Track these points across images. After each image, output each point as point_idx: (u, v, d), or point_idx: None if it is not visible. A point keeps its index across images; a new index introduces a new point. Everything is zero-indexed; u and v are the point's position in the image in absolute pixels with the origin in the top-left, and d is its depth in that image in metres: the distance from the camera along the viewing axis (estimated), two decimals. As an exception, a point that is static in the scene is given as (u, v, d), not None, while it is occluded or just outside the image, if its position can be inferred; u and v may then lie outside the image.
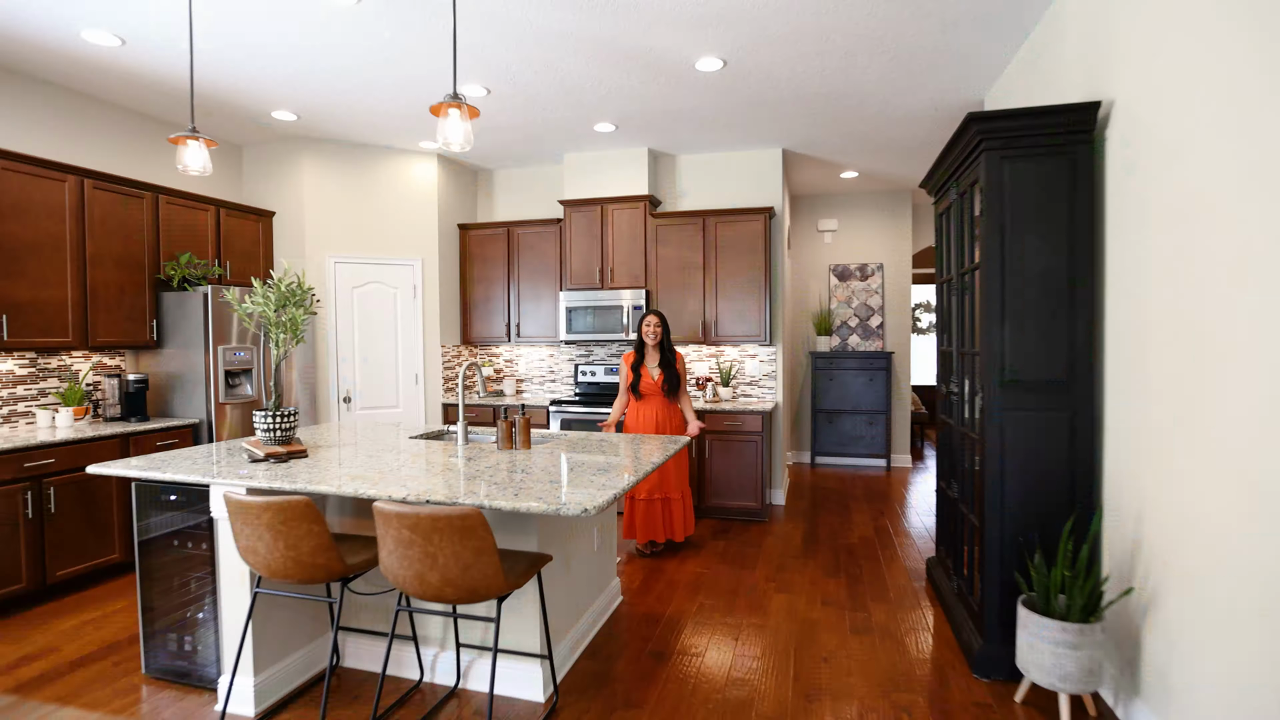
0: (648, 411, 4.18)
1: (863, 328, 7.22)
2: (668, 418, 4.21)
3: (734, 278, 5.28)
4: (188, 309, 4.36)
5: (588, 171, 5.64)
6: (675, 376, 4.18)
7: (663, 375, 4.16)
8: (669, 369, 4.17)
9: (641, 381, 4.17)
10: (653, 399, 4.19)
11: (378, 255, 5.47)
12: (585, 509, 1.96)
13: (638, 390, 4.18)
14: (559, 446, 3.06)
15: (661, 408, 4.19)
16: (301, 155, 5.23)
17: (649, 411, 4.18)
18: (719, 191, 5.64)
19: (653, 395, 4.19)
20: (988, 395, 2.65)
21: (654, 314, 4.21)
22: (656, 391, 4.18)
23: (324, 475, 2.40)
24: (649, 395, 4.19)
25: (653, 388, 4.17)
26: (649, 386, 4.17)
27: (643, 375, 4.18)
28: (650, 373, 4.19)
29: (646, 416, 4.18)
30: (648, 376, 4.18)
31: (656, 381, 4.17)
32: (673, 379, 4.16)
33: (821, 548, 4.40)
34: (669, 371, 4.16)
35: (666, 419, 4.20)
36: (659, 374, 4.18)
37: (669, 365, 4.18)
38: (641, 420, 4.18)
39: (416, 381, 5.60)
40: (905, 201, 7.06)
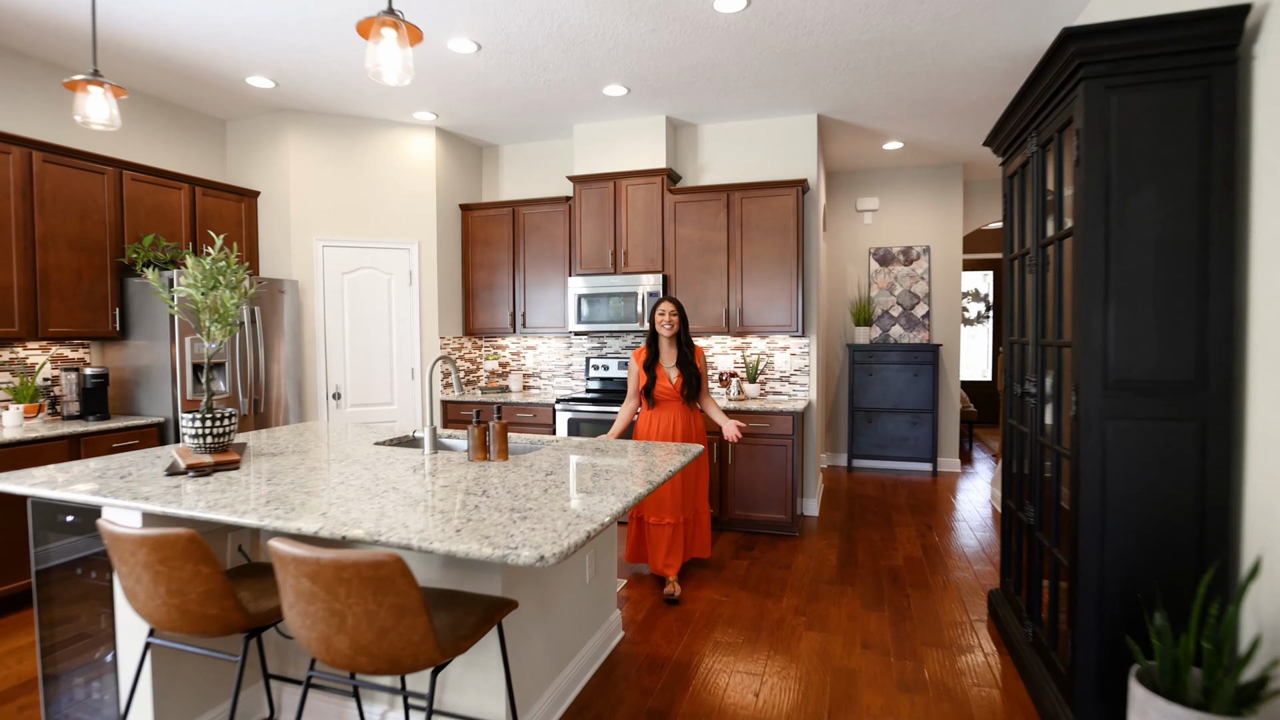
0: (664, 420, 3.51)
1: (906, 317, 6.54)
2: (689, 426, 3.54)
3: (762, 260, 4.69)
4: (155, 297, 3.95)
5: (599, 144, 5.09)
6: (696, 376, 3.51)
7: (681, 377, 3.48)
8: (688, 368, 3.49)
9: (657, 385, 3.49)
10: (670, 405, 3.52)
11: (370, 238, 5.02)
12: (542, 556, 1.43)
13: (651, 396, 3.50)
14: (544, 457, 2.54)
15: (681, 416, 3.52)
16: (286, 129, 4.80)
17: (666, 420, 3.50)
18: (746, 165, 5.04)
19: (670, 401, 3.52)
20: (1085, 399, 2.04)
21: (669, 301, 3.50)
22: (675, 397, 3.50)
23: (235, 497, 1.92)
24: (665, 401, 3.52)
25: (670, 392, 3.50)
26: (666, 391, 3.49)
27: (659, 377, 3.49)
28: (667, 374, 3.51)
29: (663, 426, 3.50)
30: (664, 379, 3.49)
31: (675, 385, 3.49)
32: (693, 380, 3.50)
33: (861, 571, 3.81)
34: (688, 371, 3.49)
35: (688, 428, 3.53)
36: (677, 375, 3.50)
37: (688, 363, 3.50)
38: (657, 431, 3.51)
39: (413, 376, 5.15)
40: (955, 176, 6.35)
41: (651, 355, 3.54)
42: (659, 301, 3.53)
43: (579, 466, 2.34)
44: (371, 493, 1.97)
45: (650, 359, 3.53)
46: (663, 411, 3.53)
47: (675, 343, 3.54)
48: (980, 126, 5.11)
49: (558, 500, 1.87)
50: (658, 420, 3.53)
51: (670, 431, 3.50)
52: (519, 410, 5.02)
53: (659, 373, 3.51)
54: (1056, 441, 2.32)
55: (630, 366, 3.62)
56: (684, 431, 3.52)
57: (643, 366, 3.53)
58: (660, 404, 3.54)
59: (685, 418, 3.54)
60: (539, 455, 2.57)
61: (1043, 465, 2.53)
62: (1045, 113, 2.38)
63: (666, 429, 3.51)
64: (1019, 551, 2.88)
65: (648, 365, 3.52)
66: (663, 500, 3.48)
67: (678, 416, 3.52)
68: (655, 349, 3.55)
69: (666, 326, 3.48)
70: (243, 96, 4.50)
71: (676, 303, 3.53)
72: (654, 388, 3.50)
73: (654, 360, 3.53)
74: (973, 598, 3.42)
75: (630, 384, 3.61)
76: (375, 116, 4.93)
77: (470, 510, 1.77)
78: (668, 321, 3.49)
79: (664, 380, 3.51)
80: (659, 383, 3.50)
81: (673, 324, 3.49)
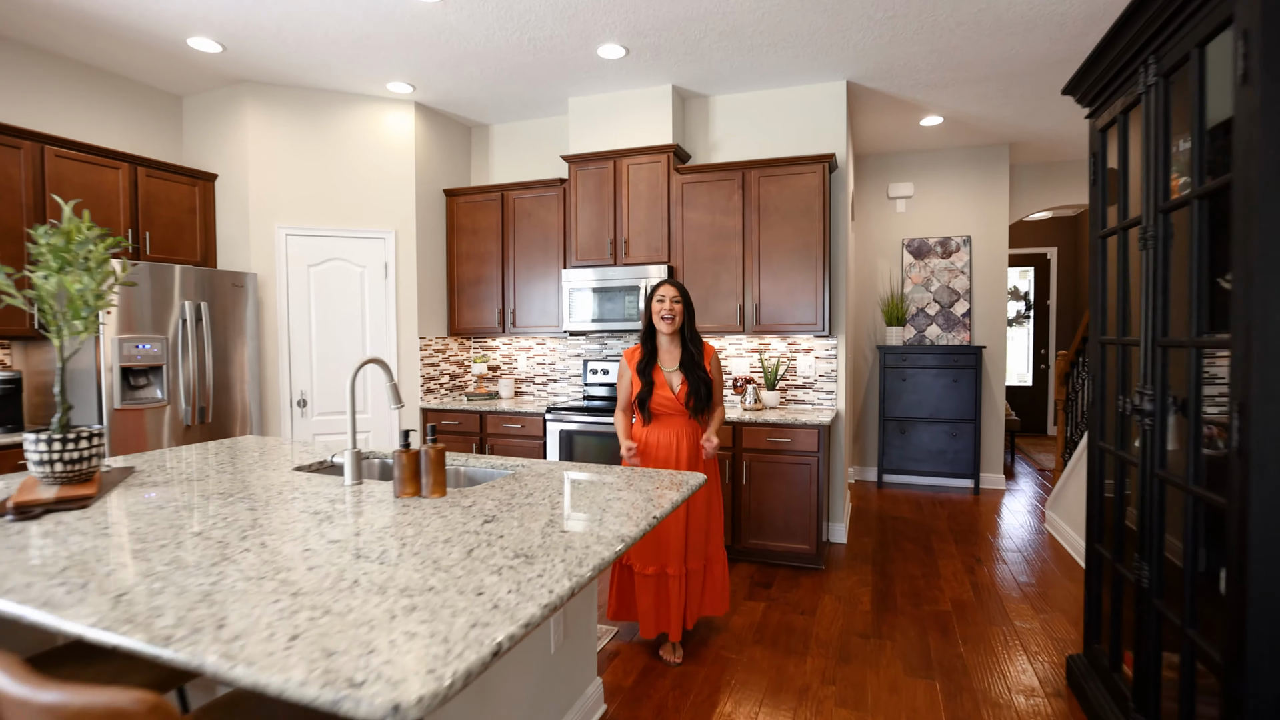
0: (664, 439, 2.78)
1: (944, 316, 5.86)
2: (697, 446, 2.81)
3: (782, 248, 4.06)
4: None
5: (597, 119, 4.50)
6: (705, 383, 2.79)
7: (686, 383, 2.77)
8: (694, 372, 2.77)
9: (655, 394, 2.77)
10: (672, 420, 2.79)
11: (340, 226, 4.47)
12: (398, 707, 0.83)
13: (647, 408, 2.78)
14: (496, 492, 1.94)
15: (687, 433, 2.80)
16: (243, 103, 4.27)
17: (667, 438, 2.78)
18: (764, 141, 4.41)
19: (672, 415, 2.80)
20: (1257, 422, 1.39)
21: (670, 285, 2.79)
22: (678, 409, 2.78)
23: (21, 562, 1.35)
24: (666, 415, 2.80)
25: (671, 404, 2.77)
26: (666, 403, 2.77)
27: (657, 383, 2.78)
28: (668, 380, 2.79)
29: (663, 446, 2.78)
30: (664, 386, 2.78)
31: (678, 395, 2.77)
32: (701, 388, 2.77)
33: (901, 619, 3.16)
34: (694, 376, 2.77)
35: (696, 448, 2.81)
36: (681, 382, 2.78)
37: (694, 366, 2.78)
38: (655, 452, 2.78)
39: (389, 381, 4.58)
40: (1001, 159, 5.65)
41: (648, 355, 2.82)
42: (657, 286, 2.81)
43: (532, 508, 1.74)
44: (224, 555, 1.39)
45: (646, 360, 2.81)
46: (663, 427, 2.81)
47: (678, 340, 2.84)
48: (1038, 94, 4.43)
49: (477, 574, 1.27)
50: (656, 439, 2.80)
51: (672, 453, 2.78)
52: (505, 420, 4.44)
53: (657, 378, 2.79)
54: (1195, 480, 1.67)
55: (620, 370, 2.88)
56: (690, 452, 2.79)
57: (636, 370, 2.80)
58: (660, 418, 2.82)
59: (692, 436, 2.82)
60: (490, 489, 1.98)
61: (1161, 507, 1.88)
62: (1174, 27, 1.73)
63: (668, 449, 2.78)
64: (1116, 613, 2.22)
65: (642, 369, 2.79)
66: (661, 543, 2.72)
67: (682, 434, 2.80)
68: (652, 347, 2.83)
69: (667, 318, 2.76)
70: (192, 65, 3.98)
71: (680, 287, 2.81)
72: (651, 398, 2.78)
73: (650, 362, 2.81)
74: (1043, 658, 2.76)
75: (621, 393, 2.88)
76: (344, 89, 4.39)
77: (340, 592, 1.18)
78: (668, 311, 2.76)
79: (663, 388, 2.78)
80: (657, 391, 2.78)
81: (675, 314, 2.76)
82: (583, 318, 4.43)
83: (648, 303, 2.83)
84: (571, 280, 4.44)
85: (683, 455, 2.78)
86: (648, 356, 2.82)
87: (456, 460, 2.48)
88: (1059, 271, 8.61)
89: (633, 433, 2.88)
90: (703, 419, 2.89)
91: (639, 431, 2.86)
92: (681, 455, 2.78)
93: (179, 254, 4.15)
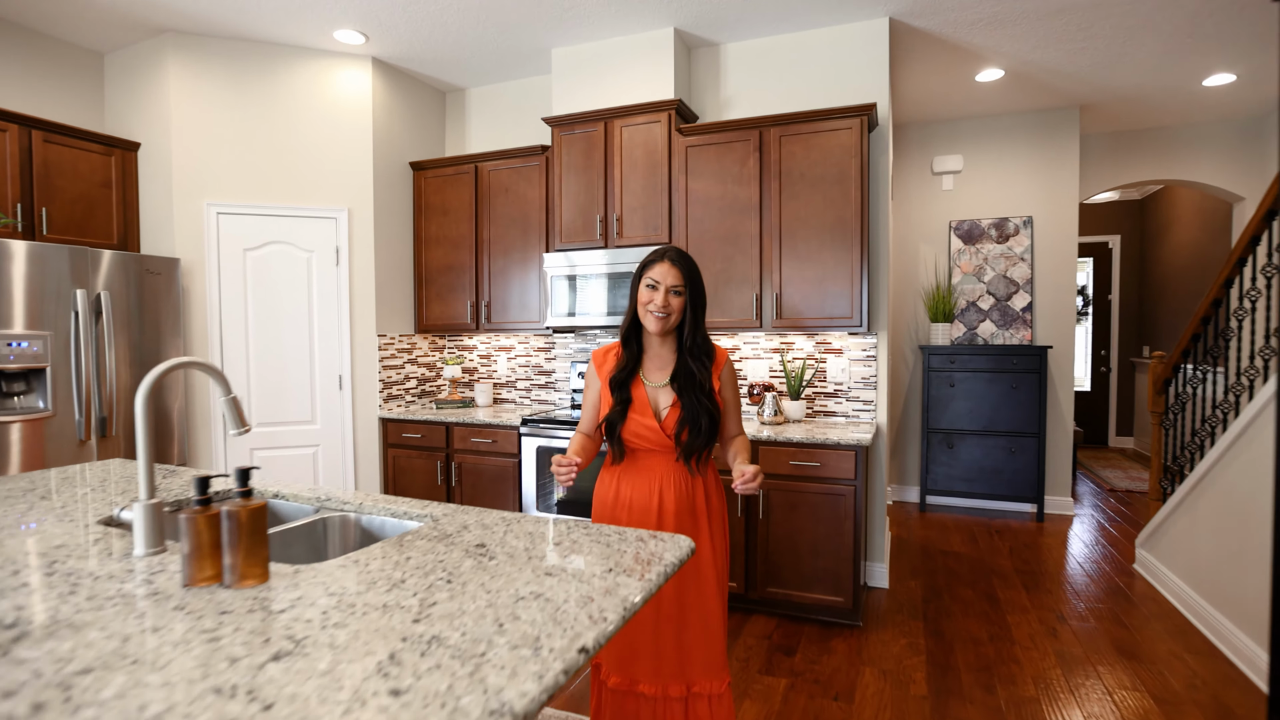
0: (643, 488, 1.83)
1: (1000, 311, 5.01)
2: (688, 501, 1.83)
3: (809, 225, 3.28)
4: (-65, 274, 2.80)
5: (585, 73, 3.76)
6: (708, 409, 1.79)
7: (678, 407, 1.80)
8: (694, 391, 1.79)
9: (631, 420, 1.81)
10: (655, 462, 1.84)
11: (283, 204, 3.79)
12: None
13: (618, 438, 1.84)
14: (350, 577, 1.20)
15: (675, 481, 1.82)
16: (165, 57, 3.61)
17: (645, 487, 1.82)
18: (786, 96, 3.63)
19: (654, 453, 1.84)
20: None
21: (668, 262, 1.80)
22: (664, 445, 1.82)
23: None
24: (645, 452, 1.84)
25: (654, 437, 1.81)
26: (646, 434, 1.81)
27: (635, 403, 1.82)
28: (652, 399, 1.83)
29: (639, 500, 1.82)
30: (644, 409, 1.81)
31: (664, 424, 1.80)
32: (701, 414, 1.78)
33: (971, 710, 2.35)
34: (694, 397, 1.78)
35: (687, 505, 1.82)
36: (671, 404, 1.81)
37: (693, 382, 1.80)
38: (629, 511, 1.83)
39: (341, 387, 3.90)
40: (1070, 125, 4.79)
41: (627, 361, 1.85)
42: (651, 262, 1.82)
43: (385, 616, 0.99)
44: None
45: (624, 368, 1.85)
46: (639, 473, 1.84)
47: (673, 342, 1.86)
48: (1126, 30, 3.58)
49: None
50: (628, 490, 1.84)
51: (651, 514, 1.80)
52: (474, 434, 3.72)
53: (636, 395, 1.83)
54: None
55: (586, 378, 1.96)
56: (678, 513, 1.81)
57: (608, 381, 1.86)
58: (636, 457, 1.85)
59: (682, 487, 1.82)
60: (347, 568, 1.23)
61: None
62: None
63: (643, 508, 1.81)
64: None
65: (617, 380, 1.84)
66: (628, 641, 1.80)
67: (667, 484, 1.81)
68: (637, 349, 1.87)
69: (659, 314, 1.78)
70: (109, 10, 3.33)
71: (684, 265, 1.80)
72: (623, 424, 1.81)
73: (630, 371, 1.85)
74: (1183, 787, 1.95)
75: (584, 412, 1.95)
76: (285, 40, 3.70)
77: None
78: (661, 305, 1.77)
79: (643, 412, 1.81)
80: (634, 416, 1.81)
81: (671, 311, 1.78)
82: (568, 311, 3.69)
83: (634, 285, 1.85)
84: (555, 266, 3.70)
85: (666, 517, 1.80)
86: (627, 363, 1.85)
87: (351, 503, 1.75)
88: (1122, 263, 7.66)
89: (600, 476, 1.93)
90: (701, 464, 1.86)
91: (608, 473, 1.90)
92: (665, 517, 1.80)
93: (90, 235, 3.51)
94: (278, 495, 1.87)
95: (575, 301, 3.67)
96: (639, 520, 1.82)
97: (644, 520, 1.81)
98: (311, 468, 3.87)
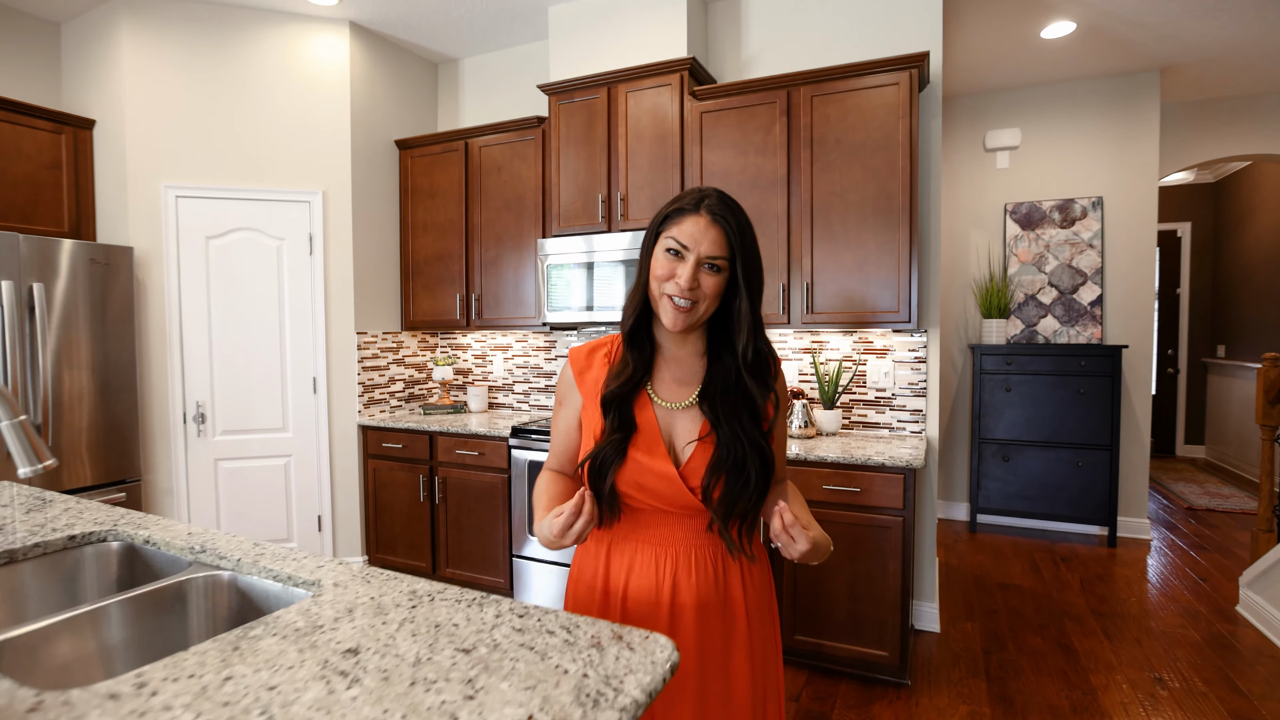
0: (644, 569, 1.16)
1: (1064, 305, 4.40)
2: (717, 598, 1.16)
3: (846, 201, 2.75)
4: None
5: (586, 33, 3.28)
6: (760, 448, 1.11)
7: (711, 442, 1.12)
8: (738, 417, 1.12)
9: (631, 460, 1.12)
10: (667, 525, 1.16)
11: (249, 186, 3.39)
12: None
13: (609, 483, 1.14)
14: (142, 698, 0.74)
15: (696, 558, 1.15)
16: (117, 22, 3.23)
17: (647, 568, 1.16)
18: (819, 49, 3.10)
19: (667, 514, 1.15)
20: None
21: (704, 211, 1.09)
22: (684, 503, 1.13)
23: None
24: (652, 513, 1.16)
25: (669, 490, 1.12)
26: (657, 483, 1.12)
27: (641, 428, 1.14)
28: (668, 427, 1.16)
29: (639, 586, 1.16)
30: (653, 442, 1.13)
31: (685, 471, 1.12)
32: (750, 456, 1.10)
33: (1060, 818, 1.82)
34: (738, 426, 1.11)
35: (712, 603, 1.15)
36: (698, 434, 1.14)
37: (738, 400, 1.13)
38: (621, 596, 1.17)
39: (315, 390, 3.49)
40: (1149, 91, 4.16)
41: (633, 367, 1.17)
42: (677, 214, 1.12)
43: None
44: None
45: (625, 377, 1.16)
46: (643, 543, 1.17)
47: (701, 338, 1.20)
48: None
49: None
50: (626, 567, 1.18)
51: (661, 606, 1.15)
52: (459, 444, 3.27)
53: (644, 419, 1.16)
54: None
55: (560, 388, 1.29)
56: (699, 610, 1.14)
57: (598, 397, 1.18)
58: (638, 518, 1.18)
59: (709, 571, 1.16)
60: (126, 698, 0.78)
61: None
62: None
63: (649, 598, 1.15)
64: None
65: (614, 396, 1.15)
66: None
67: (685, 564, 1.15)
68: (648, 348, 1.20)
69: (681, 292, 1.09)
70: (36, -35, 2.96)
71: (732, 217, 1.11)
72: (619, 465, 1.13)
73: (635, 382, 1.17)
74: None
75: (555, 442, 1.29)
76: (249, 2, 3.29)
77: None
78: (686, 282, 1.09)
79: (652, 450, 1.13)
80: (638, 455, 1.13)
81: (699, 291, 1.10)
82: (567, 304, 3.22)
83: (646, 248, 1.17)
84: (552, 254, 3.24)
85: (682, 618, 1.14)
86: (629, 369, 1.17)
87: (229, 558, 1.30)
88: (1193, 253, 6.92)
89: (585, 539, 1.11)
90: (750, 531, 1.17)
91: (596, 542, 1.23)
92: (680, 618, 1.14)
93: (36, 222, 3.14)
94: (148, 541, 1.43)
95: (575, 294, 3.20)
96: (638, 620, 1.15)
97: (648, 621, 1.15)
98: (283, 480, 3.47)
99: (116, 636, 1.19)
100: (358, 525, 3.58)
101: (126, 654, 1.18)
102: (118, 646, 1.18)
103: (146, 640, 1.22)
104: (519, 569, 3.13)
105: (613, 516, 1.19)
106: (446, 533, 3.33)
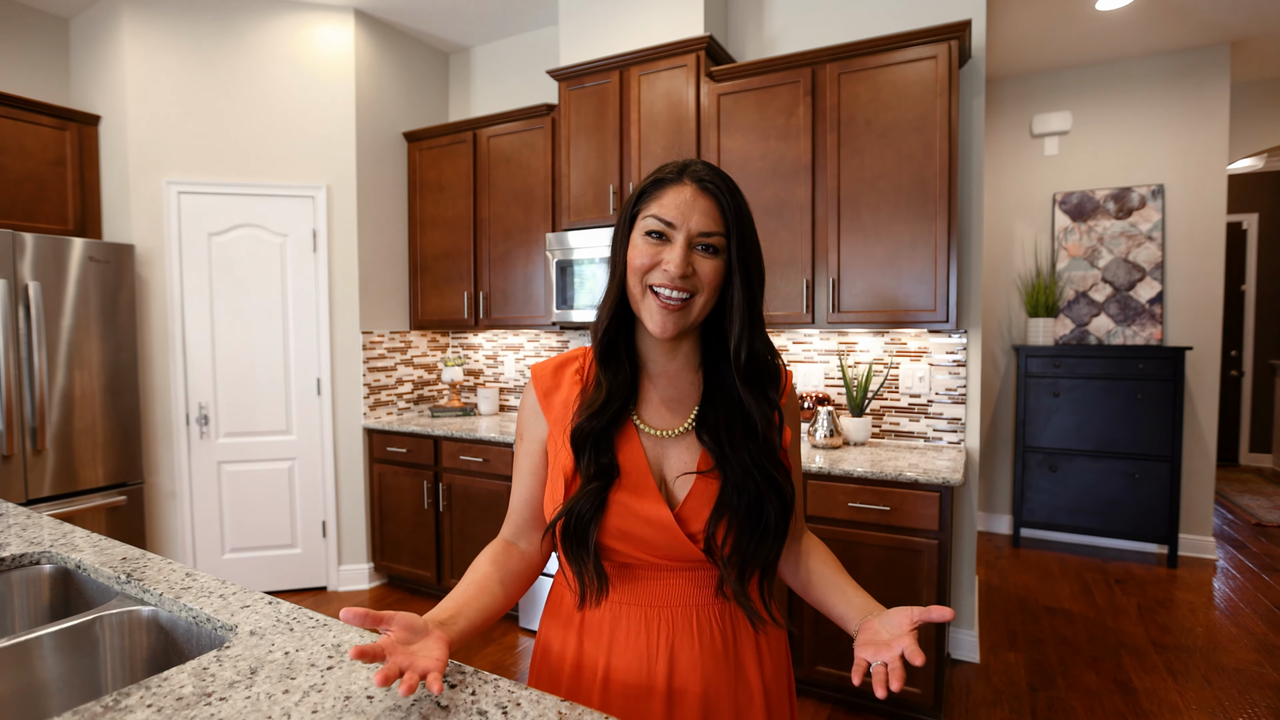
0: (631, 644, 0.89)
1: (1120, 303, 4.05)
2: (727, 675, 0.89)
3: (876, 189, 2.51)
4: None
5: (597, 14, 3.09)
6: (776, 485, 0.88)
7: (715, 479, 0.88)
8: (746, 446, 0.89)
9: (615, 503, 0.87)
10: (665, 585, 0.90)
11: (252, 180, 3.29)
12: None
13: (589, 543, 0.87)
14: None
15: (698, 626, 0.89)
16: (120, 17, 3.15)
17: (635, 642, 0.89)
18: (848, 24, 2.86)
19: (664, 569, 0.89)
20: None
21: (689, 180, 0.88)
22: (684, 556, 0.88)
23: None
24: (643, 566, 0.89)
25: (662, 539, 0.87)
26: (648, 532, 0.87)
27: (626, 465, 0.89)
28: (657, 462, 0.91)
29: (624, 666, 0.89)
30: (642, 482, 0.88)
31: (683, 515, 0.87)
32: (768, 494, 0.87)
33: None
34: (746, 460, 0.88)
35: (721, 682, 0.89)
36: (698, 467, 0.89)
37: (743, 433, 0.90)
38: (602, 679, 0.90)
39: (319, 392, 3.38)
40: (1219, 68, 3.79)
41: (611, 389, 0.91)
42: (658, 185, 0.89)
43: None
44: None
45: (603, 404, 0.90)
46: (631, 608, 0.90)
47: (694, 346, 0.96)
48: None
49: None
50: (605, 644, 0.91)
51: (654, 692, 0.88)
52: (464, 450, 3.12)
53: (628, 453, 0.91)
54: None
55: (523, 420, 1.00)
56: (704, 699, 0.88)
57: (571, 435, 0.90)
58: (621, 573, 0.91)
59: (718, 642, 0.90)
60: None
61: None
62: None
63: (638, 682, 0.88)
64: None
65: (589, 430, 0.89)
66: None
67: (685, 634, 0.89)
68: (622, 364, 0.93)
69: (670, 282, 0.86)
70: (35, -45, 2.90)
71: (723, 188, 0.88)
72: (602, 518, 0.87)
73: (616, 409, 0.91)
74: None
75: (516, 490, 0.99)
76: (254, -10, 3.19)
77: None
78: (676, 269, 0.85)
79: (640, 490, 0.88)
80: (623, 497, 0.88)
81: (692, 282, 0.87)
82: (577, 303, 3.04)
83: (621, 232, 0.93)
84: (561, 249, 3.06)
85: (685, 706, 0.88)
86: (607, 392, 0.92)
87: (153, 590, 1.15)
88: (1260, 246, 6.41)
89: (545, 619, 1.00)
90: (769, 591, 0.92)
91: (552, 622, 0.98)
92: (683, 706, 0.88)
93: (39, 220, 3.08)
94: (79, 566, 1.29)
95: (586, 292, 3.01)
96: (622, 711, 0.88)
97: (636, 712, 0.88)
98: (287, 484, 3.36)
99: (20, 681, 1.04)
100: (363, 532, 3.46)
101: (26, 701, 1.03)
102: (21, 691, 1.03)
103: (56, 685, 1.07)
104: (524, 582, 2.95)
105: (600, 593, 0.90)
106: (451, 542, 3.18)
